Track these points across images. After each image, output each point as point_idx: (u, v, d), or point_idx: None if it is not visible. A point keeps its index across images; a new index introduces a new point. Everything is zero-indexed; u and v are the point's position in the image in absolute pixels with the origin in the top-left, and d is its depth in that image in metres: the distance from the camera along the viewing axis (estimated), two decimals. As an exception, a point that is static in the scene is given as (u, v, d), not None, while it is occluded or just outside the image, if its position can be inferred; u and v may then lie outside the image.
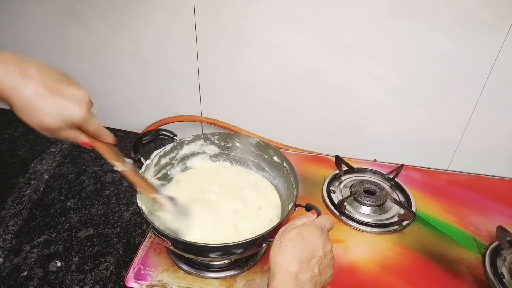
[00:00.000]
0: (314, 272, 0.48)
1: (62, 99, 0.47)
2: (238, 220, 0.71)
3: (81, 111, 0.49)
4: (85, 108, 0.50)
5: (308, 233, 0.51)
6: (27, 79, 0.46)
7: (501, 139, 1.08)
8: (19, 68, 0.46)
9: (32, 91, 0.46)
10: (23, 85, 0.45)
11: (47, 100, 0.46)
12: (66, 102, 0.48)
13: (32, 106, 0.46)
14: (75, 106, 0.48)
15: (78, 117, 0.49)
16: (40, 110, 0.46)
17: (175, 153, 0.81)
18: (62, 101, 0.47)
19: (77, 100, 0.49)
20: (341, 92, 1.11)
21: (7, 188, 1.13)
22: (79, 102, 0.49)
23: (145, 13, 1.11)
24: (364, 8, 0.95)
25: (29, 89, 0.45)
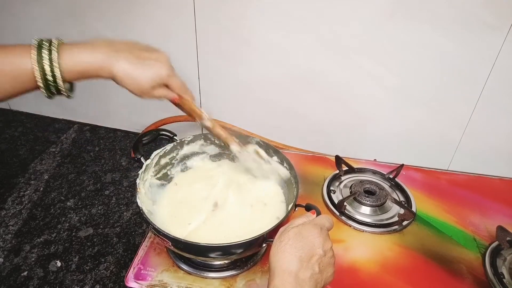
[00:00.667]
0: (314, 271, 0.48)
1: (149, 62, 0.58)
2: (243, 219, 0.71)
3: (166, 69, 0.60)
4: (169, 66, 0.61)
5: (307, 231, 0.51)
6: (120, 55, 0.56)
7: (501, 139, 1.08)
8: (111, 49, 0.57)
9: (126, 62, 0.57)
10: (118, 60, 0.56)
11: (139, 66, 0.57)
12: (153, 64, 0.59)
13: (129, 74, 0.57)
14: (160, 66, 0.59)
15: (165, 74, 0.60)
16: (136, 75, 0.58)
17: (175, 153, 0.81)
18: (150, 64, 0.59)
19: (160, 61, 0.60)
20: (341, 92, 1.11)
21: (7, 188, 1.13)
22: (162, 62, 0.60)
23: (145, 13, 1.11)
24: (364, 8, 0.95)
25: (123, 62, 0.56)
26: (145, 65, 0.58)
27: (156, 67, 0.59)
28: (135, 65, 0.57)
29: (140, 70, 0.58)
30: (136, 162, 0.72)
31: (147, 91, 0.60)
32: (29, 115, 1.50)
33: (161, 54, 0.61)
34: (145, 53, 0.59)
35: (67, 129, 1.42)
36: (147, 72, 0.58)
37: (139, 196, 0.67)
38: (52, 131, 1.41)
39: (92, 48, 0.56)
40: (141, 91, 0.60)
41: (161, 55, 0.61)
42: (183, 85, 0.66)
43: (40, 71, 0.53)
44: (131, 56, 0.57)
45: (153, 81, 0.59)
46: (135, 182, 0.69)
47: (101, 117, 1.44)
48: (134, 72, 0.57)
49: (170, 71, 0.62)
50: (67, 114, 1.49)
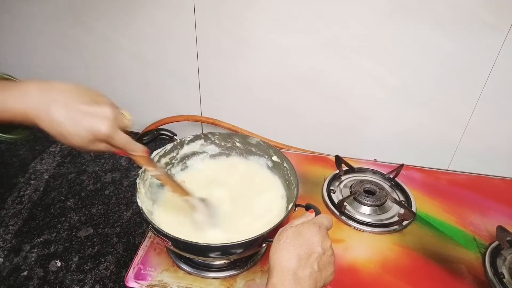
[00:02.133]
0: (313, 269, 0.48)
1: (86, 119, 0.50)
2: (243, 218, 0.71)
3: (105, 129, 0.51)
4: (109, 125, 0.51)
5: (306, 230, 0.51)
6: (51, 105, 0.48)
7: (501, 139, 1.08)
8: (44, 96, 0.49)
9: (56, 116, 0.48)
10: (48, 111, 0.48)
11: (72, 123, 0.49)
12: (90, 121, 0.50)
13: (59, 130, 0.49)
14: (99, 123, 0.50)
15: (103, 134, 0.51)
16: (66, 132, 0.49)
17: (175, 152, 0.81)
18: (87, 121, 0.50)
19: (101, 117, 0.51)
20: (341, 92, 1.11)
21: (7, 188, 1.13)
22: (102, 119, 0.51)
23: (145, 13, 1.11)
24: (364, 8, 0.95)
25: (54, 114, 0.48)
26: (80, 123, 0.49)
27: (93, 125, 0.50)
28: (68, 121, 0.49)
29: (73, 128, 0.49)
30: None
31: (81, 146, 0.51)
32: (29, 115, 1.49)
33: (104, 109, 0.51)
34: (84, 107, 0.50)
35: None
36: (80, 130, 0.49)
37: (139, 196, 0.67)
38: (52, 131, 1.41)
39: (22, 93, 0.48)
40: (73, 146, 0.51)
41: (104, 110, 0.51)
42: (127, 143, 0.55)
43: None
44: (65, 112, 0.49)
45: (87, 139, 0.50)
46: (135, 182, 0.69)
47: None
48: (65, 128, 0.49)
49: (111, 131, 0.51)
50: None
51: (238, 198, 0.76)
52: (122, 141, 0.54)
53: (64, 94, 0.50)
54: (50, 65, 1.31)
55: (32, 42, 1.28)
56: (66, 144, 0.51)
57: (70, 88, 0.51)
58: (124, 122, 0.54)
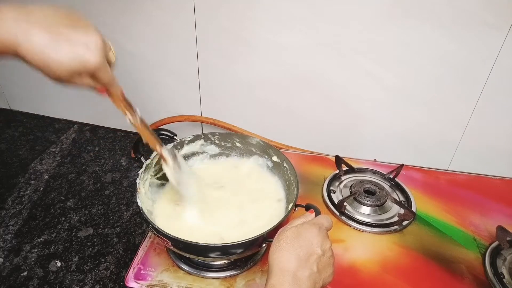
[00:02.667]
0: (312, 270, 0.48)
1: (72, 46, 0.43)
2: (243, 218, 0.71)
3: (95, 60, 0.45)
4: (98, 55, 0.45)
5: (306, 231, 0.51)
6: (31, 29, 0.42)
7: (501, 139, 1.08)
8: (22, 18, 0.42)
9: (39, 40, 0.42)
10: (29, 36, 0.42)
11: (57, 49, 0.43)
12: (77, 49, 0.44)
13: (42, 56, 0.43)
14: (88, 53, 0.44)
15: (92, 66, 0.45)
16: (50, 60, 0.43)
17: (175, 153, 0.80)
18: (73, 48, 0.43)
19: (88, 46, 0.44)
20: (341, 92, 1.11)
21: (7, 188, 1.13)
22: (90, 48, 0.45)
23: (145, 13, 1.11)
24: (364, 8, 0.95)
25: (35, 39, 0.42)
26: (65, 50, 0.43)
27: (81, 53, 0.44)
28: (51, 46, 0.42)
29: (57, 55, 0.43)
30: (136, 162, 0.72)
31: (65, 78, 0.45)
32: (29, 115, 1.50)
33: (92, 37, 0.45)
34: (69, 32, 0.43)
35: (67, 129, 1.42)
36: (65, 58, 0.43)
37: (139, 196, 0.67)
38: (52, 131, 1.41)
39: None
40: (56, 77, 0.45)
41: (92, 38, 0.45)
42: (112, 79, 0.51)
43: None
44: (48, 35, 0.42)
45: (73, 69, 0.44)
46: (135, 182, 0.69)
47: (101, 117, 1.44)
48: (48, 54, 0.43)
49: (100, 63, 0.46)
50: (67, 114, 1.49)
51: (237, 199, 0.76)
52: (109, 75, 0.49)
53: (45, 17, 0.43)
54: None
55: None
56: (49, 76, 0.45)
57: (50, 10, 0.44)
58: (110, 55, 0.50)
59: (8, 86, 1.49)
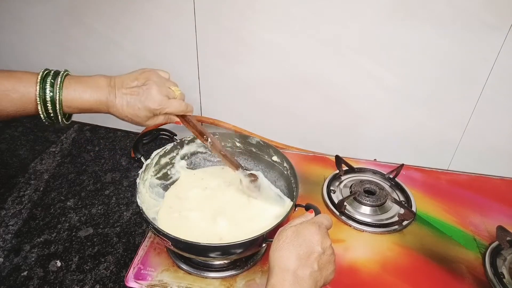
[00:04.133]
0: (313, 268, 0.48)
1: (138, 102, 0.62)
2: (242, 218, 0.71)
3: (155, 102, 0.63)
4: (157, 98, 0.63)
5: (305, 230, 0.51)
6: (115, 96, 0.62)
7: (501, 139, 1.08)
8: (111, 88, 0.62)
9: (120, 104, 0.62)
10: (114, 102, 0.62)
11: (131, 107, 0.62)
12: (143, 99, 0.62)
13: (124, 114, 0.63)
14: (149, 99, 0.62)
15: (154, 107, 0.63)
16: (130, 115, 0.63)
17: (175, 152, 0.81)
18: (140, 103, 0.62)
19: (148, 93, 0.63)
20: (341, 91, 1.11)
21: (7, 188, 1.13)
22: (151, 94, 0.63)
23: (145, 13, 1.11)
24: (364, 8, 0.95)
25: (118, 103, 0.62)
26: (134, 105, 0.62)
27: (145, 102, 0.62)
28: (126, 106, 0.62)
29: (131, 111, 0.62)
30: (136, 162, 0.72)
31: (144, 124, 0.65)
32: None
33: (149, 89, 0.63)
34: (136, 90, 0.63)
35: (67, 129, 1.42)
36: (137, 112, 0.63)
37: (139, 196, 0.67)
38: (52, 131, 1.41)
39: (94, 87, 0.61)
40: (139, 124, 0.65)
41: (148, 87, 0.63)
42: (179, 109, 0.67)
43: (41, 104, 0.58)
44: (123, 97, 0.62)
45: (145, 117, 0.64)
46: (135, 182, 0.69)
47: (101, 117, 1.43)
48: (127, 112, 0.62)
49: (160, 102, 0.64)
50: (67, 114, 1.49)
51: (237, 197, 0.76)
52: (175, 105, 0.66)
53: (120, 85, 0.62)
54: (50, 65, 1.30)
55: (32, 42, 1.28)
56: (132, 123, 0.64)
57: (123, 78, 0.63)
58: (170, 93, 0.66)
59: (8, 86, 1.49)
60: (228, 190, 0.78)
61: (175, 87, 0.68)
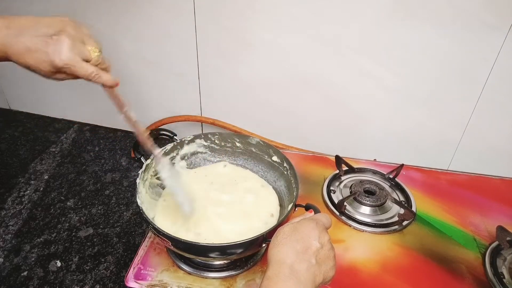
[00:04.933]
0: (311, 263, 0.48)
1: (42, 52, 0.52)
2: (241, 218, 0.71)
3: (60, 60, 0.53)
4: (64, 57, 0.53)
5: (303, 226, 0.51)
6: (15, 41, 0.52)
7: (501, 139, 1.08)
8: (9, 31, 0.52)
9: (19, 50, 0.52)
10: (13, 47, 0.52)
11: (32, 55, 0.52)
12: (46, 53, 0.52)
13: (24, 61, 0.53)
14: (54, 56, 0.52)
15: (59, 65, 0.53)
16: (30, 64, 0.53)
17: (175, 152, 0.81)
18: (43, 53, 0.52)
19: (56, 49, 0.52)
20: (341, 92, 1.11)
21: (7, 188, 1.13)
22: (58, 51, 0.52)
23: (145, 13, 1.11)
24: (364, 8, 0.95)
25: (17, 48, 0.52)
26: (37, 54, 0.53)
27: (49, 57, 0.53)
28: (27, 53, 0.53)
29: (32, 60, 0.53)
30: (136, 162, 0.72)
31: (47, 75, 0.55)
32: (29, 115, 1.50)
33: (60, 40, 0.53)
34: (41, 39, 0.53)
35: (67, 129, 1.42)
36: (39, 62, 0.53)
37: (139, 196, 0.67)
38: (52, 131, 1.41)
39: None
40: (40, 75, 0.55)
41: (60, 42, 0.53)
42: (88, 73, 0.57)
43: None
44: (26, 42, 0.52)
45: (48, 70, 0.54)
46: (135, 182, 0.69)
47: (101, 117, 1.44)
48: (27, 60, 0.53)
49: (69, 60, 0.54)
50: (67, 114, 1.49)
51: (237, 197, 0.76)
52: (83, 71, 0.56)
53: (25, 28, 0.52)
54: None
55: (32, 42, 1.28)
56: (36, 73, 0.54)
57: (31, 21, 0.53)
58: (85, 53, 0.56)
59: (8, 86, 1.49)
60: (228, 188, 0.78)
61: (93, 48, 0.57)
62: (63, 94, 1.40)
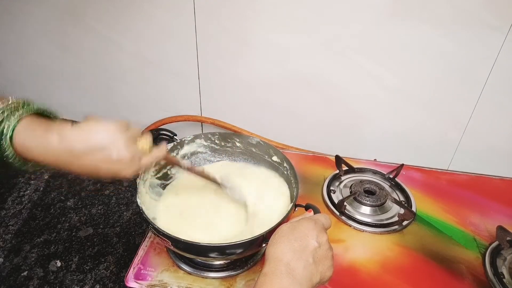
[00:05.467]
0: (308, 261, 0.48)
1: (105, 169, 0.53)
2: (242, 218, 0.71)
3: (127, 175, 0.55)
4: (130, 171, 0.55)
5: (301, 225, 0.51)
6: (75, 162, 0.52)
7: (501, 139, 1.08)
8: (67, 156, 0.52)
9: (83, 169, 0.53)
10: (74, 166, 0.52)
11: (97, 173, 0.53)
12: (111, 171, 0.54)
13: (90, 176, 0.54)
14: (122, 174, 0.54)
15: (126, 177, 0.55)
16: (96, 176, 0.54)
17: (175, 152, 0.81)
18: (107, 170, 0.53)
19: (120, 168, 0.54)
20: (341, 92, 1.11)
21: (7, 188, 1.13)
22: (123, 170, 0.54)
23: (145, 13, 1.11)
24: (364, 8, 0.95)
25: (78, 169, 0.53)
26: (101, 172, 0.54)
27: (117, 174, 0.54)
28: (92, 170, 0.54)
29: (98, 175, 0.55)
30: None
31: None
32: (29, 115, 1.49)
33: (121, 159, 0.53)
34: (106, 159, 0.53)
35: (67, 129, 1.42)
36: (104, 177, 0.55)
37: (139, 196, 0.67)
38: (52, 131, 1.41)
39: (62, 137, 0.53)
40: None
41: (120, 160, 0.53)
42: (151, 162, 0.60)
43: None
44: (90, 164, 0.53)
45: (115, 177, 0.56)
46: (135, 182, 0.69)
47: (101, 116, 1.44)
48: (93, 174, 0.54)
49: (133, 173, 0.56)
50: (67, 114, 1.49)
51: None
52: (147, 164, 0.58)
53: (80, 152, 0.52)
54: (50, 65, 1.31)
55: (32, 42, 1.28)
56: None
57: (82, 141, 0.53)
58: (140, 153, 0.57)
59: (8, 86, 1.49)
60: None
61: (144, 141, 0.58)
62: (63, 93, 1.40)
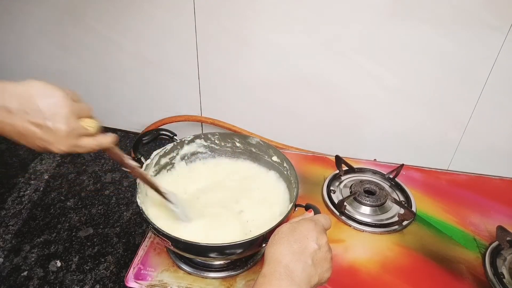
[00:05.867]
0: (307, 263, 0.48)
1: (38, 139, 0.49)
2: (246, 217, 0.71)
3: (58, 150, 0.50)
4: (63, 146, 0.50)
5: (301, 226, 0.51)
6: (5, 121, 0.47)
7: (501, 139, 1.08)
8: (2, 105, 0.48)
9: (10, 133, 0.48)
10: (5, 125, 0.47)
11: (27, 139, 0.49)
12: (42, 142, 0.49)
13: (17, 141, 0.49)
14: (51, 147, 0.50)
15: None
16: (25, 144, 0.49)
17: (175, 152, 0.80)
18: (39, 141, 0.49)
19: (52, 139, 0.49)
20: (341, 92, 1.11)
21: (7, 188, 1.13)
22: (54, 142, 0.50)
23: (145, 13, 1.11)
24: (364, 8, 0.95)
25: (8, 130, 0.48)
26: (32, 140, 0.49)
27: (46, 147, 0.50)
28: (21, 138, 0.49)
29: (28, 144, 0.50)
30: (136, 162, 0.72)
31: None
32: (29, 115, 1.49)
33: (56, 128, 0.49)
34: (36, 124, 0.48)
35: (67, 129, 1.43)
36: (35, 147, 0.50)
37: (139, 196, 0.67)
38: (52, 131, 1.41)
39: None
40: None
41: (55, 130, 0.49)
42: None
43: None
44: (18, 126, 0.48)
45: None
46: (135, 182, 0.69)
47: (101, 117, 1.44)
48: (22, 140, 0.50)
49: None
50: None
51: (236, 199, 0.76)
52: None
53: (15, 110, 0.48)
54: (50, 65, 1.31)
55: (32, 42, 1.28)
56: None
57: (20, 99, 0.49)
58: (83, 131, 0.53)
59: (8, 86, 1.49)
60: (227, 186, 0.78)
61: (89, 121, 0.55)
62: (63, 94, 1.40)
